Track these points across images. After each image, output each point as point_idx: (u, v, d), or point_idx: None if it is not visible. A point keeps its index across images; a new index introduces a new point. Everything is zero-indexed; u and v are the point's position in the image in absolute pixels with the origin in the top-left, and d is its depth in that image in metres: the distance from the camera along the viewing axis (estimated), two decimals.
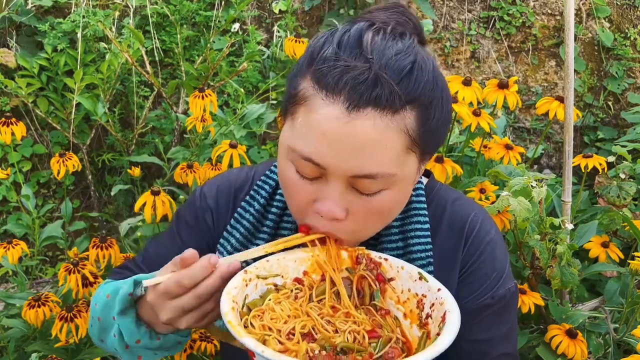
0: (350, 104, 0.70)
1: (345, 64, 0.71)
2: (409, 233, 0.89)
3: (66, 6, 2.70)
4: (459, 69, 2.98)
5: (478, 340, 0.90)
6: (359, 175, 0.73)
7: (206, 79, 2.19)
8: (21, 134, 1.58)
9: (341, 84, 0.71)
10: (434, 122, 0.76)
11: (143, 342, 0.84)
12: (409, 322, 0.79)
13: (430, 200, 0.93)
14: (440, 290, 0.77)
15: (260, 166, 1.02)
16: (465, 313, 0.88)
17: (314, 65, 0.75)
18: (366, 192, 0.76)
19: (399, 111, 0.72)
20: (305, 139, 0.74)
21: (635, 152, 2.24)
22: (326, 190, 0.76)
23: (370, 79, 0.70)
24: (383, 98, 0.70)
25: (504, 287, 0.90)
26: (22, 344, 1.51)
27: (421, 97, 0.74)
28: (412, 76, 0.73)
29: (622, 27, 3.03)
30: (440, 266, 0.89)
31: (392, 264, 0.82)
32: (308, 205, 0.79)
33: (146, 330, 0.85)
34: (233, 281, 0.76)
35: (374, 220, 0.80)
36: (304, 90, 0.75)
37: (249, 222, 0.93)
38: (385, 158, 0.73)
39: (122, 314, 0.85)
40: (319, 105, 0.72)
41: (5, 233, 2.49)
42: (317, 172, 0.75)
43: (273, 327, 0.73)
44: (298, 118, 0.75)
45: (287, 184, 0.80)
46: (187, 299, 0.76)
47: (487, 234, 0.91)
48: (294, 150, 0.75)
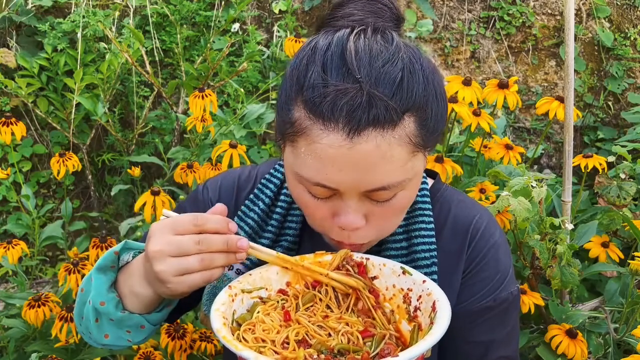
0: (350, 130, 0.70)
1: (336, 88, 0.70)
2: (414, 233, 0.89)
3: (66, 6, 2.70)
4: (459, 69, 2.98)
5: (478, 342, 0.90)
6: (371, 189, 0.74)
7: (206, 79, 2.19)
8: (21, 134, 1.58)
9: (337, 112, 0.70)
10: (433, 119, 0.77)
11: (106, 308, 0.82)
12: (398, 317, 0.80)
13: (435, 201, 0.93)
14: (426, 281, 0.78)
15: (263, 165, 1.02)
16: (467, 315, 0.89)
17: (303, 93, 0.73)
18: (382, 200, 0.77)
19: (398, 124, 0.72)
20: (312, 167, 0.74)
21: (635, 152, 2.24)
22: (342, 206, 0.77)
23: (364, 102, 0.69)
24: (381, 117, 0.70)
25: (506, 290, 0.90)
26: (22, 344, 1.51)
27: (417, 102, 0.73)
28: (404, 85, 0.72)
29: (622, 27, 3.03)
30: (443, 267, 0.89)
31: (374, 263, 0.83)
32: (328, 221, 0.80)
33: (115, 298, 0.83)
34: (219, 298, 0.77)
35: (393, 219, 0.82)
36: (299, 120, 0.74)
37: (254, 220, 0.94)
38: (393, 170, 0.73)
39: (100, 271, 0.84)
40: (319, 136, 0.72)
41: (5, 233, 2.49)
42: (329, 193, 0.77)
43: (266, 338, 0.73)
44: (300, 148, 0.75)
45: (302, 204, 0.81)
46: (186, 239, 0.74)
47: (492, 236, 0.91)
48: (303, 178, 0.76)
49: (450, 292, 0.88)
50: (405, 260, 0.88)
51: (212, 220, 0.76)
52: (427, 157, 0.86)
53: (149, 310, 0.84)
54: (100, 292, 0.83)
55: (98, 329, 0.85)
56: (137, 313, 0.83)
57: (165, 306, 0.86)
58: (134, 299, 0.82)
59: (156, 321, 0.85)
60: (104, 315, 0.83)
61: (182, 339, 1.36)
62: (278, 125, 0.80)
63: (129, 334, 0.85)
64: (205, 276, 0.75)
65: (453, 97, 1.47)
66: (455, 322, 0.88)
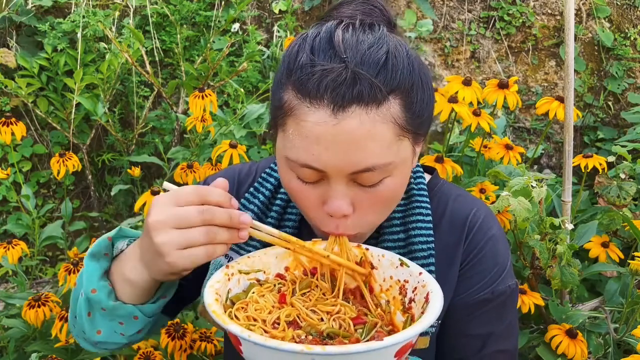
0: (335, 106, 0.72)
1: (322, 68, 0.73)
2: (411, 225, 0.89)
3: (66, 6, 2.70)
4: (459, 69, 2.98)
5: (476, 335, 0.90)
6: (357, 171, 0.75)
7: (206, 79, 2.19)
8: (21, 134, 1.58)
9: (322, 89, 0.72)
10: (418, 104, 0.78)
11: (98, 296, 0.80)
12: (393, 309, 0.80)
13: (433, 195, 0.94)
14: (422, 274, 0.78)
15: (263, 161, 1.04)
16: (464, 307, 0.89)
17: (292, 76, 0.76)
18: (368, 184, 0.77)
19: (383, 103, 0.73)
20: (299, 147, 0.75)
21: (635, 152, 2.24)
22: (330, 191, 0.77)
23: (349, 78, 0.72)
24: (365, 93, 0.72)
25: (504, 283, 0.90)
26: (22, 344, 1.51)
27: (401, 84, 0.75)
28: (388, 65, 0.74)
29: (622, 27, 3.03)
30: (441, 260, 0.89)
31: (372, 254, 0.83)
32: (318, 210, 0.80)
33: (107, 286, 0.81)
34: (215, 276, 0.77)
35: (381, 208, 0.82)
36: (288, 101, 0.76)
37: (254, 213, 0.95)
38: (378, 150, 0.74)
39: (92, 258, 0.82)
40: (305, 114, 0.73)
41: (5, 233, 2.49)
42: (317, 176, 0.77)
43: (258, 317, 0.74)
44: (289, 129, 0.76)
45: (293, 193, 0.82)
46: (190, 210, 0.72)
47: (489, 229, 0.91)
48: (291, 160, 0.77)
49: (447, 285, 0.89)
50: (402, 252, 0.88)
51: (215, 193, 0.74)
52: (421, 152, 0.86)
53: (142, 301, 0.82)
54: (92, 280, 0.81)
55: (91, 324, 0.83)
56: (129, 303, 0.81)
57: (159, 297, 0.84)
58: (127, 286, 0.80)
59: (150, 312, 0.83)
60: (96, 304, 0.81)
61: (182, 339, 1.36)
62: (271, 114, 0.83)
63: (121, 327, 0.82)
64: (209, 251, 0.73)
65: (453, 97, 1.47)
66: (453, 315, 0.88)
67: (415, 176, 0.94)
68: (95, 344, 0.86)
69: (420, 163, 1.46)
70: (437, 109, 1.45)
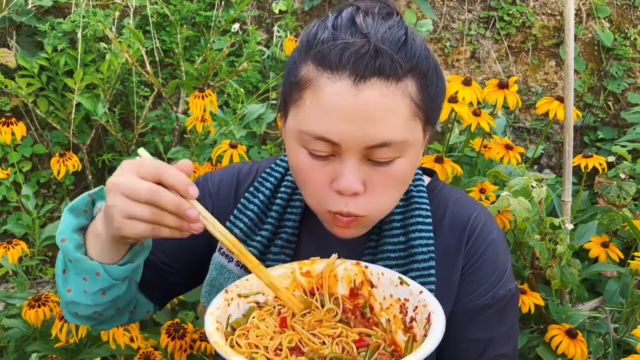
0: (356, 77, 0.72)
1: (344, 41, 0.74)
2: (411, 227, 0.89)
3: (66, 6, 2.70)
4: (459, 69, 2.98)
5: (476, 340, 0.90)
6: (373, 144, 0.75)
7: (206, 79, 2.19)
8: (21, 134, 1.58)
9: (344, 60, 0.73)
10: (433, 89, 0.79)
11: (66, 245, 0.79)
12: (394, 327, 0.79)
13: (433, 198, 0.94)
14: (423, 292, 0.77)
15: (264, 161, 1.03)
16: (465, 312, 0.89)
17: (312, 50, 0.76)
18: (381, 161, 0.77)
19: (402, 79, 0.75)
20: (316, 118, 0.75)
21: (635, 152, 2.24)
22: (341, 168, 0.77)
23: (371, 50, 0.73)
24: (386, 67, 0.73)
25: (504, 287, 0.90)
26: (22, 344, 1.51)
27: (419, 65, 0.76)
28: (408, 46, 0.76)
29: (622, 27, 3.03)
30: (441, 264, 0.89)
31: (372, 271, 0.82)
32: (326, 188, 0.79)
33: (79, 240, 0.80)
34: (215, 302, 0.76)
35: (391, 190, 0.81)
36: (306, 75, 0.77)
37: (254, 212, 0.94)
38: (395, 124, 0.75)
39: (71, 212, 0.81)
40: (325, 84, 0.74)
41: (5, 233, 2.49)
42: (330, 150, 0.77)
43: (260, 344, 0.73)
44: (305, 101, 0.76)
45: (301, 171, 0.80)
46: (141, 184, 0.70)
47: (490, 234, 0.91)
48: (306, 133, 0.76)
49: (448, 290, 0.88)
50: (402, 255, 0.88)
51: (173, 176, 0.71)
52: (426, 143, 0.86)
53: (110, 261, 0.80)
54: (65, 230, 0.79)
55: (64, 282, 0.82)
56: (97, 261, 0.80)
57: (127, 261, 0.82)
58: (96, 243, 0.79)
59: (115, 275, 0.81)
60: (65, 256, 0.80)
61: (182, 339, 1.36)
62: (282, 95, 0.83)
63: (85, 283, 0.81)
64: (154, 230, 0.72)
65: (453, 97, 1.47)
66: (454, 320, 0.88)
67: (415, 178, 0.94)
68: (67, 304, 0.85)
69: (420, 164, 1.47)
70: None
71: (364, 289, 0.82)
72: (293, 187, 0.95)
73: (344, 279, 0.83)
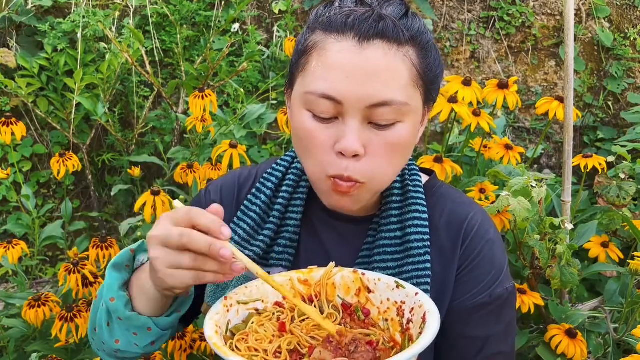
0: (360, 37, 0.77)
1: (350, 9, 0.79)
2: (407, 222, 0.89)
3: (66, 6, 2.70)
4: (459, 69, 2.98)
5: (474, 338, 0.90)
6: (375, 103, 0.77)
7: (206, 79, 2.19)
8: (21, 134, 1.58)
9: (349, 23, 0.78)
10: (433, 61, 0.83)
11: (115, 305, 0.81)
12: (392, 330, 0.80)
13: (430, 196, 0.94)
14: (418, 294, 0.78)
15: (264, 164, 1.04)
16: (462, 311, 0.89)
17: (319, 19, 0.82)
18: (382, 123, 0.79)
19: (403, 44, 0.79)
20: (321, 77, 0.78)
21: (635, 152, 2.24)
22: (344, 129, 0.79)
23: (375, 15, 0.78)
24: (389, 30, 0.77)
25: (502, 286, 0.90)
26: (22, 344, 1.51)
27: (419, 36, 0.81)
28: (409, 18, 0.81)
29: (622, 27, 3.03)
30: (438, 262, 0.89)
31: (369, 278, 0.83)
32: (328, 151, 0.81)
33: (125, 296, 0.82)
34: (215, 308, 0.76)
35: (390, 156, 0.82)
36: (313, 40, 0.81)
37: (256, 213, 0.95)
38: (396, 85, 0.78)
39: (114, 268, 0.84)
40: (331, 44, 0.78)
41: (5, 233, 2.49)
42: (334, 111, 0.79)
43: (259, 347, 0.73)
44: (312, 64, 0.80)
45: (305, 135, 0.82)
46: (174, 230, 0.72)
47: (486, 233, 0.91)
48: (311, 93, 0.79)
49: (445, 289, 0.89)
50: (398, 250, 0.89)
51: (205, 217, 0.72)
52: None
53: (157, 314, 0.83)
54: (112, 288, 0.82)
55: (110, 333, 0.85)
56: (145, 315, 0.83)
57: (174, 311, 0.85)
58: (143, 297, 0.82)
59: (164, 326, 0.84)
60: (114, 313, 0.83)
61: (182, 339, 1.36)
62: (290, 69, 0.87)
63: (135, 337, 0.84)
64: (198, 276, 0.73)
65: (453, 97, 1.47)
66: (451, 318, 0.88)
67: (411, 173, 0.95)
68: (115, 352, 0.87)
69: (419, 164, 1.47)
70: (437, 109, 1.46)
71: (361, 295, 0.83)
72: (294, 187, 0.96)
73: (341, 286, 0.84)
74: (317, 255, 0.93)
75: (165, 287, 0.75)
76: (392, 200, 0.92)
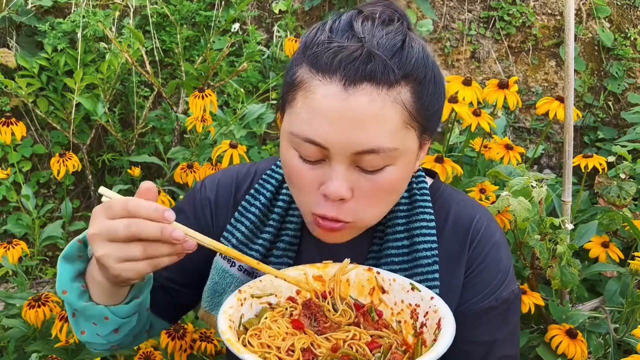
0: (347, 81, 0.72)
1: (339, 44, 0.73)
2: (415, 232, 0.88)
3: (66, 6, 2.70)
4: (459, 69, 2.98)
5: (480, 342, 0.89)
6: (361, 151, 0.74)
7: (206, 79, 2.19)
8: (21, 134, 1.58)
9: (335, 63, 0.72)
10: (429, 97, 0.78)
11: (68, 297, 0.79)
12: (405, 332, 0.80)
13: (435, 200, 0.93)
14: (434, 298, 0.77)
15: (263, 162, 1.02)
16: (469, 315, 0.88)
17: (308, 51, 0.76)
18: (370, 169, 0.76)
19: (394, 85, 0.73)
20: (305, 121, 0.75)
21: (635, 152, 2.24)
22: (330, 172, 0.76)
23: (364, 55, 0.72)
24: (378, 72, 0.72)
25: (508, 289, 0.90)
26: (22, 344, 1.51)
27: (414, 72, 0.75)
28: (404, 52, 0.75)
29: (622, 27, 3.03)
30: (445, 267, 0.88)
31: (384, 277, 0.82)
32: (314, 191, 0.79)
33: (80, 287, 0.79)
34: (228, 301, 0.76)
35: (380, 199, 0.80)
36: (300, 76, 0.76)
37: (255, 215, 0.93)
38: (385, 132, 0.74)
39: (66, 260, 0.80)
40: (316, 87, 0.74)
41: (5, 233, 2.49)
42: (320, 155, 0.76)
43: (272, 344, 0.73)
44: (297, 104, 0.76)
45: (291, 173, 0.80)
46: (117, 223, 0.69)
47: (492, 236, 0.91)
48: (295, 135, 0.76)
49: (451, 293, 0.88)
50: (406, 259, 0.88)
51: (144, 207, 0.69)
52: (425, 154, 0.85)
53: (114, 302, 0.80)
54: (63, 281, 0.79)
55: (76, 325, 0.83)
56: (102, 304, 0.79)
57: (133, 297, 0.82)
58: (96, 287, 0.79)
59: (123, 314, 0.81)
60: (68, 306, 0.80)
61: (182, 339, 1.36)
62: (281, 95, 0.83)
63: (95, 327, 0.81)
64: (152, 265, 0.71)
65: (453, 97, 1.47)
66: (458, 322, 0.88)
67: (418, 180, 0.93)
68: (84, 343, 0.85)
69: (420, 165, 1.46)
70: None
71: (375, 295, 0.82)
72: None
73: (355, 285, 0.83)
74: (318, 259, 0.92)
75: (120, 280, 0.73)
76: (398, 209, 0.90)
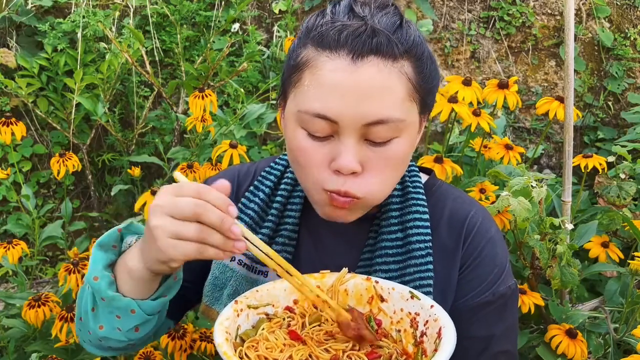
0: (354, 55, 0.75)
1: (342, 23, 0.77)
2: (409, 224, 0.89)
3: (66, 6, 2.70)
4: (459, 69, 2.98)
5: (477, 337, 0.90)
6: (371, 121, 0.76)
7: (206, 79, 2.19)
8: (21, 134, 1.58)
9: (342, 39, 0.75)
10: (428, 72, 0.81)
11: (98, 284, 0.79)
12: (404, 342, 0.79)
13: (430, 195, 0.94)
14: (434, 307, 0.77)
15: (262, 161, 1.03)
16: (465, 310, 0.89)
17: (312, 33, 0.79)
18: (379, 141, 0.78)
19: (398, 59, 0.77)
20: (314, 97, 0.76)
21: (635, 152, 2.24)
22: (340, 147, 0.78)
23: (368, 30, 0.75)
24: (383, 46, 0.75)
25: (504, 284, 0.90)
26: (22, 344, 1.51)
27: (413, 48, 0.79)
28: (403, 30, 0.79)
29: (622, 27, 3.03)
30: (440, 262, 0.89)
31: (382, 286, 0.82)
32: (324, 168, 0.80)
33: (110, 277, 0.80)
34: (225, 312, 0.75)
35: (387, 173, 0.81)
36: (305, 56, 0.79)
37: (254, 211, 0.94)
38: (392, 102, 0.76)
39: (100, 248, 0.82)
40: (324, 63, 0.76)
41: (5, 233, 2.49)
42: (329, 130, 0.77)
43: (269, 356, 0.72)
44: (304, 82, 0.78)
45: (300, 153, 0.81)
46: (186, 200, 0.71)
47: (487, 231, 0.91)
48: (304, 112, 0.77)
49: (447, 289, 0.88)
50: (400, 252, 0.88)
51: (214, 195, 0.72)
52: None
53: (142, 296, 0.81)
54: (96, 268, 0.80)
55: (94, 318, 0.83)
56: (130, 296, 0.80)
57: (160, 295, 0.83)
58: (126, 276, 0.79)
59: (149, 310, 0.81)
60: (97, 293, 0.80)
61: (182, 339, 1.36)
62: (282, 82, 0.85)
63: (118, 320, 0.81)
64: (200, 249, 0.71)
65: (453, 97, 1.47)
66: (454, 318, 0.88)
67: (411, 174, 0.94)
68: (99, 340, 0.85)
69: (420, 164, 1.47)
70: (437, 109, 1.45)
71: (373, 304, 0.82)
72: (293, 184, 0.96)
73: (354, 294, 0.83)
74: (316, 253, 0.93)
75: (164, 258, 0.73)
76: (391, 201, 0.91)
